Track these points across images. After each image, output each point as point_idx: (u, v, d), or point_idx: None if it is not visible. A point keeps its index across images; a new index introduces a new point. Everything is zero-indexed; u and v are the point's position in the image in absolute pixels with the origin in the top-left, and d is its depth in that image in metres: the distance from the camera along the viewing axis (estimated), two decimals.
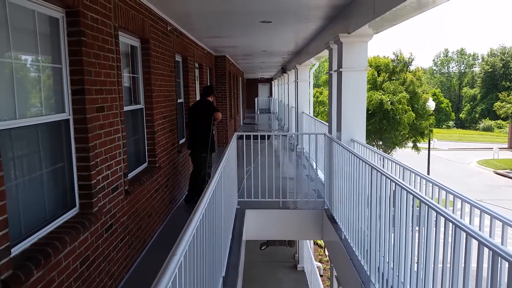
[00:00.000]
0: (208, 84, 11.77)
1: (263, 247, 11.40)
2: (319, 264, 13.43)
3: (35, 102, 3.16)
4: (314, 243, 15.45)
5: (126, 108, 4.73)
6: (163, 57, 6.21)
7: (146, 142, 5.67)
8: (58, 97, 3.39)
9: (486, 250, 2.12)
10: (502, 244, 2.42)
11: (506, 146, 46.13)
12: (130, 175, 4.93)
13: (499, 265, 2.04)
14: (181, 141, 7.80)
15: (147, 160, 5.72)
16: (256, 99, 33.23)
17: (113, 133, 4.11)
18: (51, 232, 3.09)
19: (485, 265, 2.21)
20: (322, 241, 14.70)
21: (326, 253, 14.11)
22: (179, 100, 7.40)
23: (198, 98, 9.02)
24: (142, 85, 5.52)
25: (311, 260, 11.67)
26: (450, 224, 2.47)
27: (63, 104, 3.42)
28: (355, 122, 6.11)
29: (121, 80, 4.35)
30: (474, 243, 2.25)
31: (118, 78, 4.26)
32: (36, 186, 3.10)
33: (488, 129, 66.16)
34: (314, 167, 8.43)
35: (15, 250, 2.68)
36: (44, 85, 3.22)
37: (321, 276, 12.24)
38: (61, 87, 3.40)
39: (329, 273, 11.22)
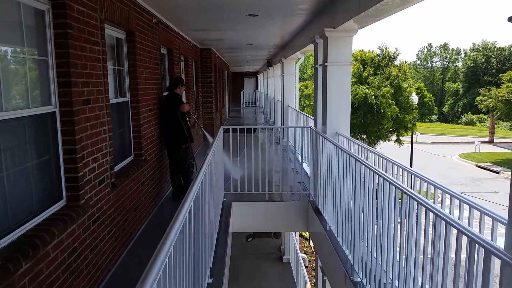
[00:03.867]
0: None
1: (249, 239, 11.50)
2: (304, 255, 13.60)
3: (21, 94, 3.15)
4: (299, 235, 15.62)
5: (112, 101, 4.72)
6: (149, 50, 6.19)
7: (132, 135, 5.66)
8: (45, 90, 3.38)
9: (464, 238, 2.20)
10: (479, 233, 2.51)
11: (487, 139, 47.05)
12: (117, 168, 4.93)
13: (476, 253, 2.13)
14: None
15: (133, 153, 5.71)
16: (242, 92, 33.17)
17: (99, 126, 4.10)
18: (38, 224, 3.10)
19: (463, 255, 2.30)
20: (307, 233, 14.88)
21: (311, 244, 14.28)
22: (164, 93, 7.38)
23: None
24: (127, 78, 5.50)
25: (296, 251, 11.81)
26: (431, 214, 2.55)
27: (50, 96, 3.41)
28: (340, 115, 6.20)
29: (106, 73, 4.34)
30: (454, 232, 2.33)
31: (104, 70, 4.25)
32: (23, 178, 3.09)
33: (470, 123, 67.28)
34: (300, 160, 8.51)
35: (3, 242, 2.69)
36: (30, 77, 3.20)
37: (306, 267, 12.40)
38: (47, 80, 3.39)
39: (314, 265, 11.38)
